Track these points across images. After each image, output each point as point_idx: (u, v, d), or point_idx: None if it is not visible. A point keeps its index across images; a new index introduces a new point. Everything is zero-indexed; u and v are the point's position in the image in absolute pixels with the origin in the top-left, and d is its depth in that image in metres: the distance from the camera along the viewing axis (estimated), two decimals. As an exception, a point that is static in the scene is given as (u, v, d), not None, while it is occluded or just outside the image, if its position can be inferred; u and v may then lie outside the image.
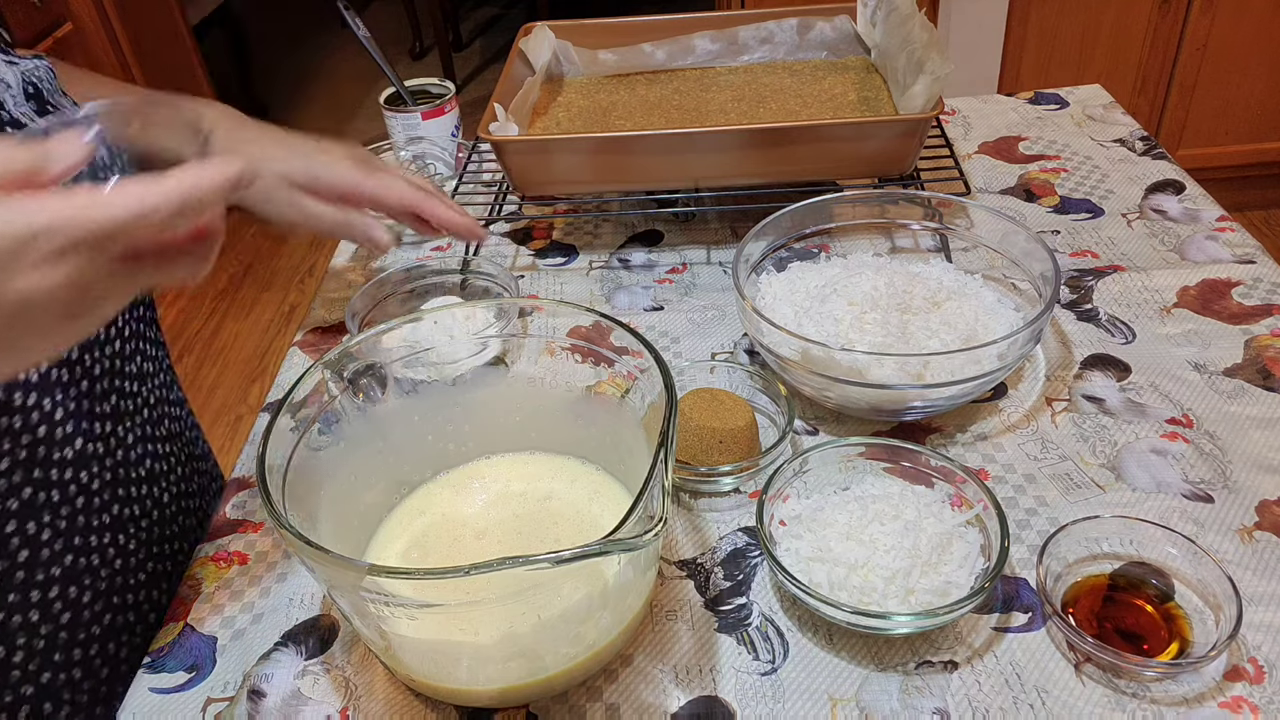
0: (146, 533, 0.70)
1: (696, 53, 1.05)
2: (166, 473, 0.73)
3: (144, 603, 0.69)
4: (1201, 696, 0.52)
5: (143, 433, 0.70)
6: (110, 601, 0.66)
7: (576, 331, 0.61)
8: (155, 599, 0.70)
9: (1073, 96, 1.13)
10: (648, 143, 0.86)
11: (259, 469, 0.50)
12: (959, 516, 0.58)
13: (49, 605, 0.62)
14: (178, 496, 0.75)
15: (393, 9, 3.82)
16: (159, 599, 0.71)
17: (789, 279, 0.76)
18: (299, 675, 0.58)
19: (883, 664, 0.55)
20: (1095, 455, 0.67)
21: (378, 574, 0.44)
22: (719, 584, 0.61)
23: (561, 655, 0.52)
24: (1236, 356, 0.74)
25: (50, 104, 0.64)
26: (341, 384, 0.59)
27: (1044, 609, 0.57)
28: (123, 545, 0.67)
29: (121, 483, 0.67)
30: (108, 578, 0.66)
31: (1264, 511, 0.62)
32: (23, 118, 0.61)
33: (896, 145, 0.85)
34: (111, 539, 0.66)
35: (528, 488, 0.63)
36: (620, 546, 0.44)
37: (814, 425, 0.72)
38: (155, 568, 0.71)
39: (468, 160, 1.00)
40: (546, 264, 0.93)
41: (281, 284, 2.62)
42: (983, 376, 0.64)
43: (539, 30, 1.03)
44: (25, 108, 0.62)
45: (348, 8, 1.04)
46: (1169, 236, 0.88)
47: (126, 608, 0.68)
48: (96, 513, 0.64)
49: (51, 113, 0.64)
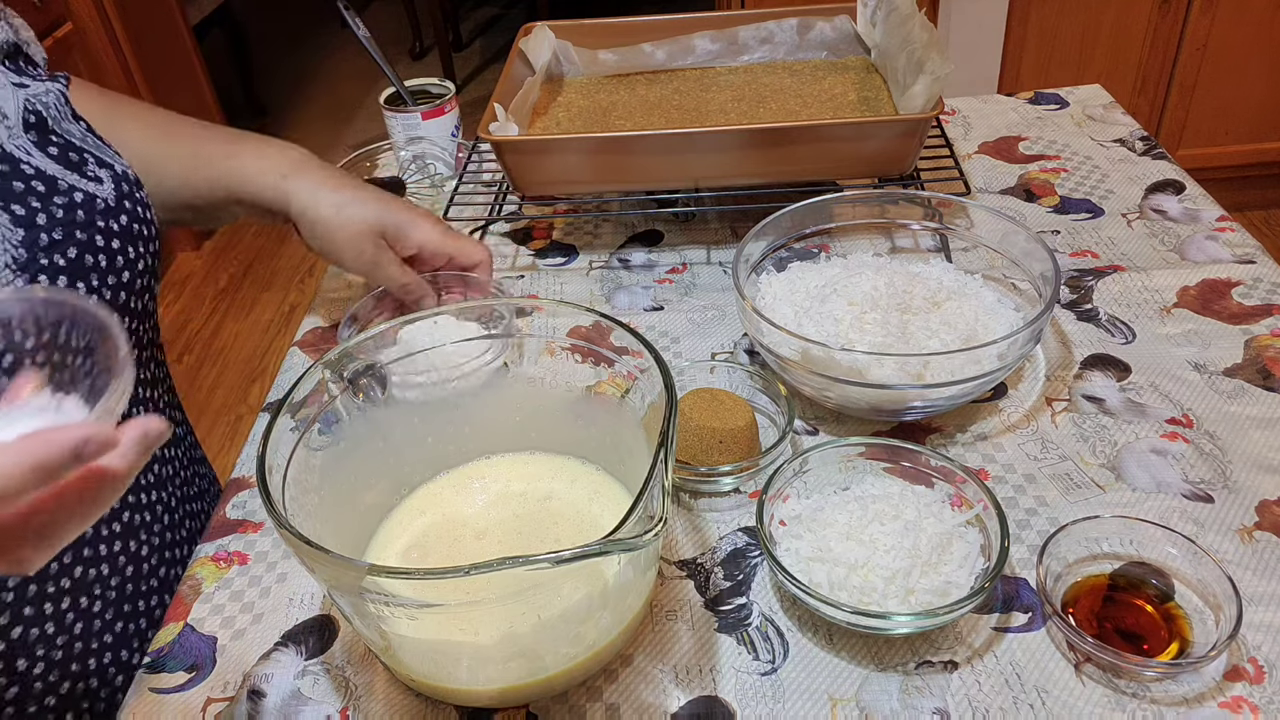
0: (158, 537, 0.69)
1: (696, 53, 1.05)
2: (172, 476, 0.73)
3: (155, 608, 0.69)
4: (1201, 696, 0.52)
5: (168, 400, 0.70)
6: (121, 610, 0.66)
7: (576, 331, 0.61)
8: (166, 603, 0.70)
9: (1073, 96, 1.13)
10: (648, 143, 0.86)
11: (259, 469, 0.50)
12: (959, 516, 0.58)
13: (62, 617, 0.61)
14: (183, 500, 0.75)
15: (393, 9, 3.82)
16: (169, 603, 0.71)
17: (789, 279, 0.76)
18: (299, 675, 0.58)
19: (883, 664, 0.55)
20: (1095, 455, 0.67)
21: (378, 574, 0.44)
22: (719, 584, 0.61)
23: (561, 655, 0.52)
24: (1236, 356, 0.74)
25: (54, 133, 0.63)
26: (341, 384, 0.59)
27: (1044, 609, 0.57)
28: (134, 552, 0.67)
29: (130, 489, 0.66)
30: (118, 586, 0.66)
31: (1264, 511, 0.62)
32: (17, 150, 0.60)
33: (896, 145, 0.85)
34: (122, 547, 0.66)
35: (528, 488, 0.63)
36: (620, 546, 0.44)
37: (814, 425, 0.72)
38: (166, 573, 0.70)
39: (468, 160, 1.00)
40: (546, 264, 0.93)
41: (281, 284, 2.62)
42: (983, 376, 0.64)
43: (539, 30, 1.03)
44: (22, 139, 0.61)
45: (348, 8, 1.04)
46: (1169, 236, 0.88)
47: (138, 614, 0.68)
48: (106, 522, 0.64)
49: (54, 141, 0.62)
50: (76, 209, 0.60)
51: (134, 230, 0.64)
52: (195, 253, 2.77)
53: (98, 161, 0.64)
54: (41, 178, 0.60)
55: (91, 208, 0.61)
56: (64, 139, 0.63)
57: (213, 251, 2.79)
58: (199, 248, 2.79)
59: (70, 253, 0.59)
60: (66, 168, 0.61)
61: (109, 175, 0.64)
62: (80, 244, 0.60)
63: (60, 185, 0.60)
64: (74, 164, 0.62)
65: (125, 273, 0.63)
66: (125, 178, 0.65)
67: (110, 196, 0.63)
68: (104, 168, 0.64)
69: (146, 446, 0.37)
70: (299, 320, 1.40)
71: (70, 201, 0.60)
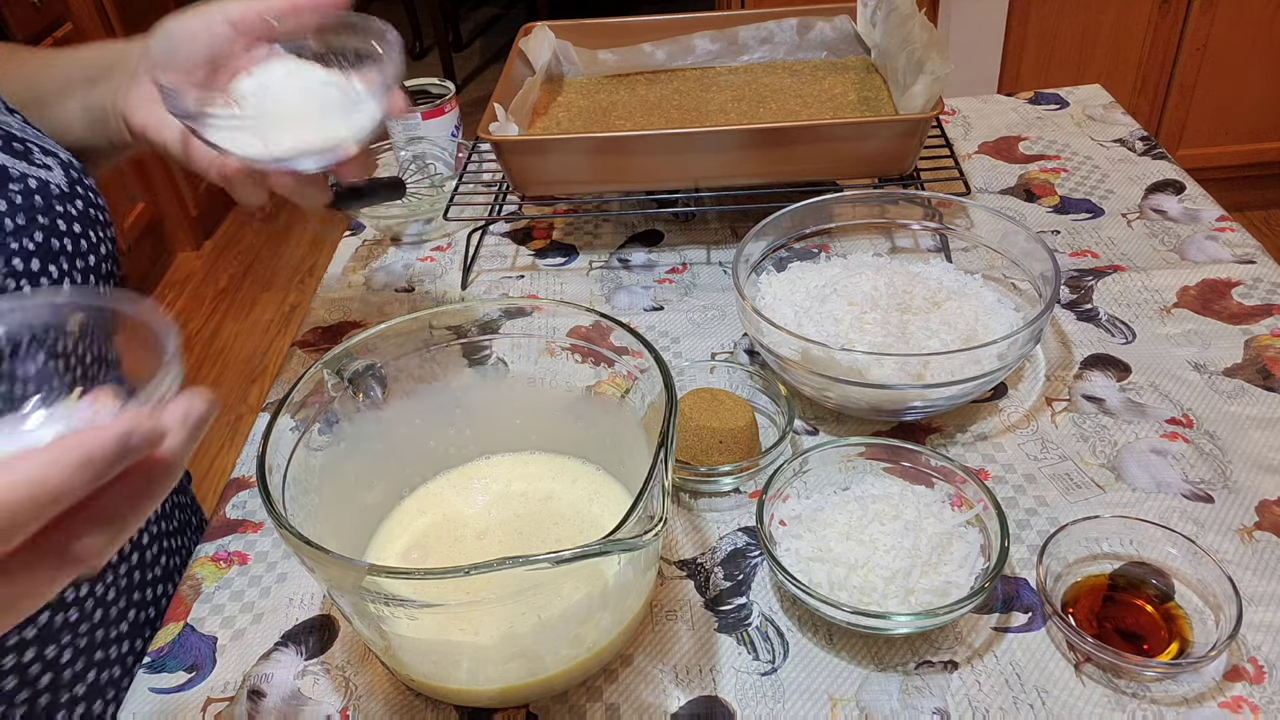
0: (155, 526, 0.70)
1: (696, 53, 1.05)
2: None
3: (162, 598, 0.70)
4: (1201, 696, 0.52)
5: None
6: (131, 599, 0.66)
7: (576, 331, 0.61)
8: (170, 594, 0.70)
9: (1073, 96, 1.13)
10: (648, 143, 0.86)
11: (259, 469, 0.50)
12: (959, 516, 0.58)
13: (83, 603, 0.61)
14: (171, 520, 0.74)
15: (393, 9, 3.82)
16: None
17: (789, 279, 0.76)
18: (299, 675, 0.58)
19: (883, 664, 0.55)
20: (1095, 455, 0.67)
21: (378, 574, 0.44)
22: (719, 584, 0.61)
23: (561, 655, 0.52)
24: (1236, 356, 0.74)
25: None
26: (341, 384, 0.59)
27: (1044, 609, 0.57)
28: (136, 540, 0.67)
29: None
30: (126, 574, 0.66)
31: (1264, 511, 0.62)
32: None
33: (896, 145, 0.85)
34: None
35: (529, 488, 0.63)
36: (620, 546, 0.44)
37: (814, 425, 0.72)
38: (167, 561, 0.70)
39: (468, 160, 1.00)
40: (546, 264, 0.93)
41: (281, 284, 2.62)
42: (983, 376, 0.64)
43: (539, 30, 1.03)
44: None
45: (348, 8, 1.04)
46: (1169, 236, 0.88)
47: (146, 604, 0.68)
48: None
49: None
50: (33, 194, 0.59)
51: (90, 215, 0.62)
52: (195, 253, 2.77)
53: (42, 150, 0.62)
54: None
55: (47, 193, 0.60)
56: (4, 130, 0.61)
57: (213, 251, 2.79)
58: (199, 248, 2.79)
59: (37, 237, 0.58)
60: (14, 156, 0.60)
61: (56, 162, 0.62)
62: (44, 228, 0.59)
63: (13, 173, 0.59)
64: (20, 153, 0.60)
65: (90, 256, 0.62)
66: (72, 165, 0.63)
67: (62, 182, 0.61)
68: (49, 155, 0.62)
69: (194, 428, 0.35)
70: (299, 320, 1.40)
71: (26, 188, 0.59)
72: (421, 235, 0.99)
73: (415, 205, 0.98)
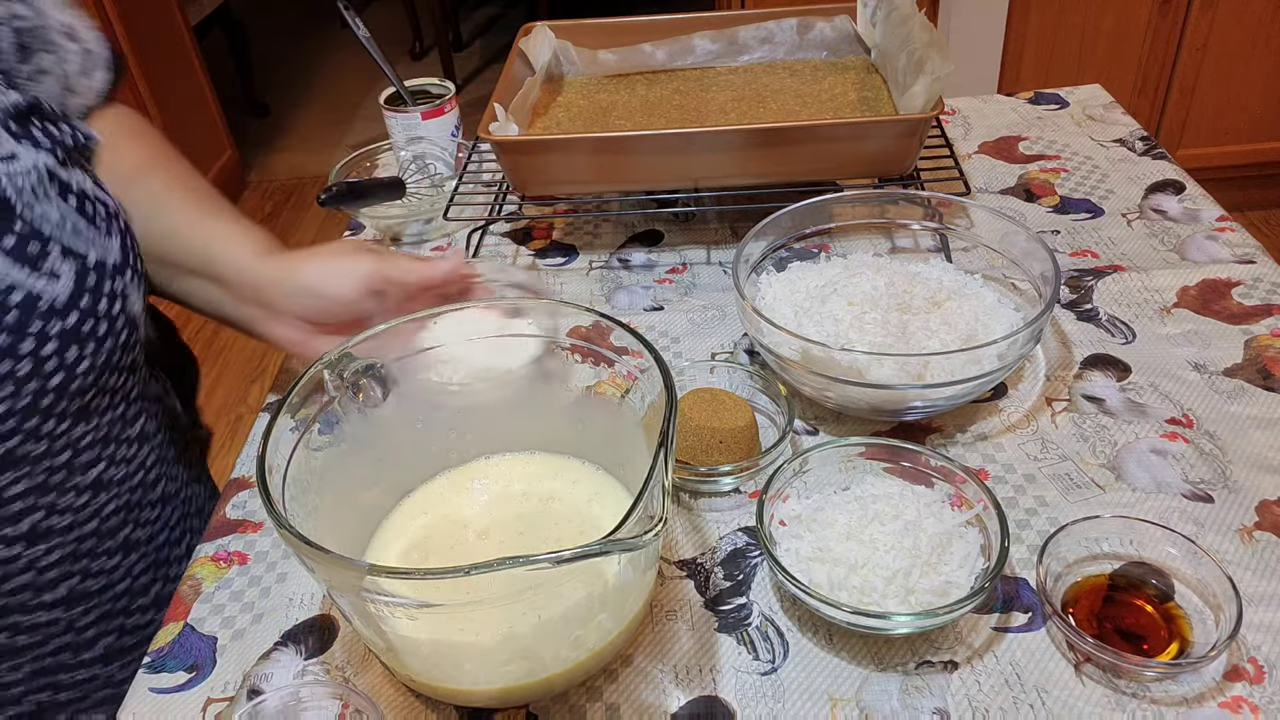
0: (156, 553, 0.69)
1: (696, 53, 1.05)
2: (178, 491, 0.73)
3: (147, 625, 0.69)
4: (1201, 696, 0.52)
5: (160, 454, 0.69)
6: (112, 624, 0.66)
7: (576, 331, 0.61)
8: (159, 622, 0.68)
9: (1073, 96, 1.13)
10: (648, 143, 0.86)
11: (259, 469, 0.50)
12: (959, 516, 0.58)
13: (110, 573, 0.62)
14: (185, 516, 0.74)
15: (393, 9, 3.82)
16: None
17: (789, 279, 0.76)
18: (299, 675, 0.58)
19: (883, 664, 0.55)
20: (1095, 455, 0.67)
21: (378, 574, 0.44)
22: (719, 584, 0.61)
23: (562, 655, 0.52)
24: (1236, 356, 0.74)
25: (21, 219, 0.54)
26: (341, 384, 0.59)
27: (1044, 609, 0.57)
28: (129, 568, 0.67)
29: (136, 505, 0.66)
30: (111, 600, 0.66)
31: (1264, 511, 0.62)
32: None
33: (896, 145, 0.85)
34: (121, 560, 0.66)
35: (529, 488, 0.63)
36: (620, 546, 0.44)
37: (814, 425, 0.72)
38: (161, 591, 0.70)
39: (468, 160, 1.00)
40: (546, 264, 0.93)
41: (281, 284, 2.62)
42: (983, 376, 0.64)
43: (539, 30, 1.03)
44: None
45: (347, 7, 1.04)
46: (1169, 236, 0.88)
47: (125, 632, 0.68)
48: (106, 536, 0.64)
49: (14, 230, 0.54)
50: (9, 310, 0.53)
51: (82, 330, 0.56)
52: (195, 253, 2.77)
53: (64, 251, 0.56)
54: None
55: (30, 308, 0.54)
56: (31, 226, 0.54)
57: (213, 251, 2.78)
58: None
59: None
60: (15, 262, 0.53)
61: (71, 268, 0.56)
62: None
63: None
64: (29, 257, 0.54)
65: (55, 376, 0.56)
66: (99, 268, 0.57)
67: (62, 295, 0.55)
68: (69, 258, 0.56)
69: None
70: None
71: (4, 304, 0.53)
72: (421, 235, 0.99)
73: (415, 205, 0.98)
